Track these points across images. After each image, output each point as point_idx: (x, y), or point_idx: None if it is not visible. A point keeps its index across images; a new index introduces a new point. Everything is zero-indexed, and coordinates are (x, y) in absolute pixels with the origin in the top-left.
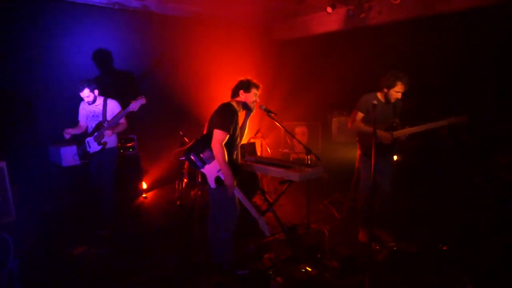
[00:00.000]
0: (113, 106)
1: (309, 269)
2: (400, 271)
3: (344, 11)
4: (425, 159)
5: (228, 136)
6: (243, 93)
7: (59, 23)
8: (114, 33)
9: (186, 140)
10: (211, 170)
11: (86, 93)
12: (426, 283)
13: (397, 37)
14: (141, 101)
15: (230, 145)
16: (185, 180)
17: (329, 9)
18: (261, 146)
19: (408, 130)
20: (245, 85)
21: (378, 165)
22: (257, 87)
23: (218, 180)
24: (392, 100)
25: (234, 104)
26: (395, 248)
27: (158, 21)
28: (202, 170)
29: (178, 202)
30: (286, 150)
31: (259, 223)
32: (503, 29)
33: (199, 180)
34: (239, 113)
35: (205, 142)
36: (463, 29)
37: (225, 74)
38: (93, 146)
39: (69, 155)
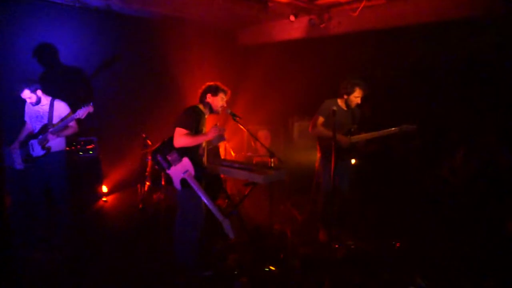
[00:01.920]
0: (61, 108)
1: (273, 269)
2: (358, 269)
3: (306, 20)
4: (381, 163)
5: (187, 132)
6: (210, 97)
7: (16, 20)
8: (74, 32)
9: (149, 142)
10: (176, 172)
11: (27, 94)
12: (383, 279)
13: (355, 46)
14: (88, 108)
15: (197, 148)
16: (148, 183)
17: (292, 18)
18: (225, 149)
19: (364, 136)
20: (213, 89)
21: (337, 168)
22: (224, 92)
23: (183, 182)
24: (352, 106)
25: (200, 107)
26: (353, 247)
27: (121, 22)
28: (168, 171)
29: (140, 206)
30: (250, 154)
31: (224, 225)
32: (451, 42)
33: (163, 183)
34: (206, 116)
35: (172, 144)
36: (415, 40)
37: (190, 77)
38: (36, 150)
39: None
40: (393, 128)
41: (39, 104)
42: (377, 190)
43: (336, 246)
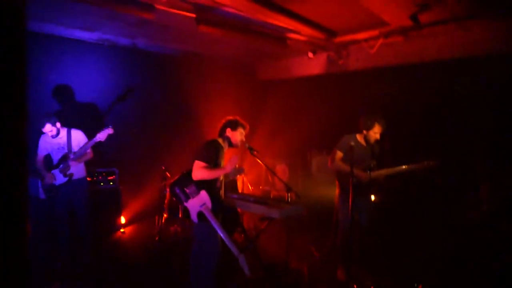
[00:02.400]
0: (78, 136)
1: None
2: None
3: (324, 57)
4: (402, 199)
5: (206, 165)
6: (230, 131)
7: (49, 57)
8: (103, 68)
9: (168, 174)
10: (194, 205)
11: (48, 128)
12: None
13: (373, 82)
14: (108, 131)
15: (214, 181)
16: (165, 215)
17: (310, 54)
18: (243, 183)
19: (384, 171)
20: (233, 124)
21: (357, 204)
22: (243, 127)
23: (200, 215)
24: (371, 141)
25: (219, 140)
26: (372, 287)
27: (145, 58)
28: (186, 204)
29: (157, 237)
30: (267, 188)
31: (240, 261)
32: (470, 79)
33: (180, 215)
34: (225, 150)
35: (190, 177)
36: (435, 77)
37: (209, 111)
38: (59, 178)
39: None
40: (413, 165)
41: (58, 136)
42: (398, 227)
43: (355, 286)
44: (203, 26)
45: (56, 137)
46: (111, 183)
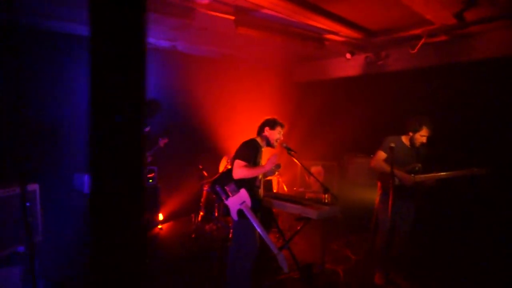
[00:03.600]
0: None
1: None
2: None
3: (362, 58)
4: (447, 207)
5: (246, 164)
6: (268, 130)
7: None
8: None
9: (205, 173)
10: (234, 203)
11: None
12: None
13: (414, 83)
14: (165, 140)
15: (254, 180)
16: (201, 213)
17: (348, 56)
18: (278, 183)
19: (430, 176)
20: (271, 123)
21: (399, 208)
22: (282, 126)
23: (240, 213)
24: (417, 144)
25: (258, 140)
26: None
27: (184, 60)
28: (226, 202)
29: (193, 235)
30: (302, 189)
31: (278, 259)
32: None
33: (216, 214)
34: (262, 149)
35: (230, 175)
36: (483, 77)
37: (246, 112)
38: None
39: None
40: (463, 170)
41: None
42: (440, 235)
43: None
44: (241, 28)
45: None
46: (151, 180)
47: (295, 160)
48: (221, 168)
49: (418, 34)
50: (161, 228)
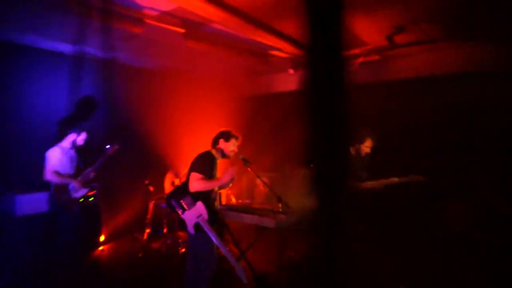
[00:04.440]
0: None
1: None
2: None
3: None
4: (384, 210)
5: (203, 177)
6: (223, 142)
7: (27, 69)
8: (81, 80)
9: (151, 189)
10: (190, 216)
11: (83, 137)
12: None
13: (356, 98)
14: (116, 147)
15: (209, 192)
16: (148, 230)
17: (290, 71)
18: (226, 195)
19: (375, 183)
20: (226, 135)
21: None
22: (236, 138)
23: (197, 226)
24: (363, 154)
25: (213, 152)
26: None
27: (127, 72)
28: (182, 216)
29: (140, 254)
30: (248, 200)
31: (236, 270)
32: (440, 96)
33: (164, 230)
34: (217, 161)
35: (186, 188)
36: (410, 94)
37: (192, 126)
38: (80, 191)
39: (25, 203)
40: (401, 178)
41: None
42: (383, 236)
43: None
44: (191, 41)
45: (72, 148)
46: (91, 199)
47: (252, 172)
48: (167, 184)
49: (357, 53)
50: (102, 250)
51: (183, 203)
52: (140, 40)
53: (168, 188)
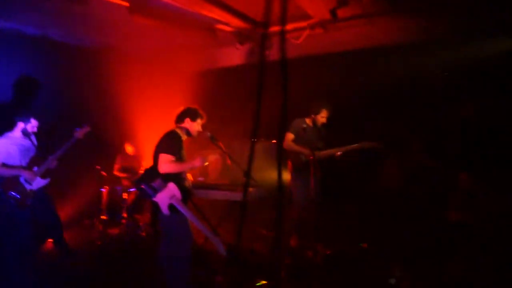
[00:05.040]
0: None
1: (265, 282)
2: (339, 271)
3: (251, 47)
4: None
5: (174, 158)
6: (189, 122)
7: None
8: (12, 59)
9: (104, 174)
10: (163, 198)
11: (33, 123)
12: (365, 277)
13: (304, 71)
14: (87, 129)
15: (180, 172)
16: (103, 217)
17: (238, 45)
18: None
19: (330, 151)
20: (192, 114)
21: (308, 181)
22: (201, 117)
23: (171, 207)
24: (318, 125)
25: (178, 131)
26: (328, 252)
27: (60, 50)
28: (154, 199)
29: (99, 242)
30: (201, 178)
31: (214, 242)
32: (378, 68)
33: (124, 215)
34: (183, 140)
35: (155, 171)
36: (351, 66)
37: (140, 106)
38: (36, 182)
39: None
40: (354, 145)
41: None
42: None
43: (310, 253)
44: (136, 15)
45: (26, 136)
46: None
47: (221, 149)
48: (116, 167)
49: (303, 26)
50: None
51: (154, 186)
52: (81, 16)
53: (117, 171)
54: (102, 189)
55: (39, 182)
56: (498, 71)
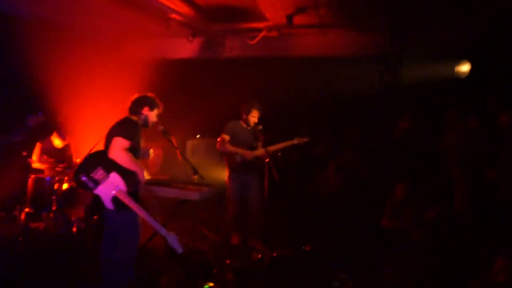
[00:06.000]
0: None
1: (212, 284)
2: (285, 273)
3: (202, 42)
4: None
5: (130, 144)
6: (147, 110)
7: None
8: None
9: (31, 161)
10: (105, 191)
11: None
12: (310, 279)
13: (249, 71)
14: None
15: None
16: (27, 210)
17: (190, 38)
18: None
19: (265, 150)
20: (151, 103)
21: (246, 181)
22: (159, 107)
23: (115, 200)
24: (251, 124)
25: (134, 119)
26: (274, 255)
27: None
28: (95, 191)
29: (20, 238)
30: None
31: (169, 240)
32: (323, 75)
33: (54, 208)
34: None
35: (97, 159)
36: (300, 71)
37: (77, 89)
38: None
39: None
40: (289, 141)
41: None
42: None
43: (259, 256)
44: None
45: None
46: None
47: (172, 144)
48: (35, 154)
49: (258, 27)
50: None
51: (94, 177)
52: None
53: (37, 159)
54: (28, 179)
55: None
56: (434, 91)
